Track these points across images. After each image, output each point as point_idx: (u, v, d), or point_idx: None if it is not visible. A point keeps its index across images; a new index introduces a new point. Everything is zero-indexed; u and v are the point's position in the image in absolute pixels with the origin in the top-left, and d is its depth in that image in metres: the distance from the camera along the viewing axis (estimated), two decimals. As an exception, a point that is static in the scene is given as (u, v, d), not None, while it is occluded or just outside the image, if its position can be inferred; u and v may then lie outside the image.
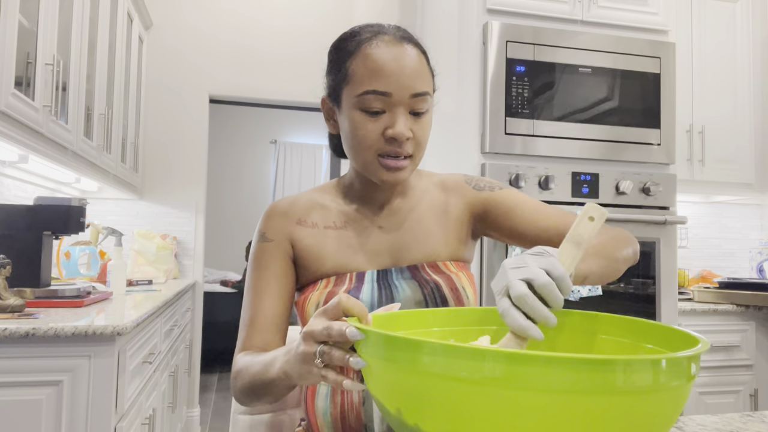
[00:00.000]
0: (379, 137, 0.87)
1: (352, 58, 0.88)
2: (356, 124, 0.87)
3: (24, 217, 1.83)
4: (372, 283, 0.92)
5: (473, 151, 2.06)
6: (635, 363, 0.47)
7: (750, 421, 0.88)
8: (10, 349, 1.43)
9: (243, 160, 7.14)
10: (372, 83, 0.85)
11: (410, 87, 0.86)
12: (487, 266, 2.00)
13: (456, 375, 0.49)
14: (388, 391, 0.56)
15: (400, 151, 0.87)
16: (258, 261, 0.95)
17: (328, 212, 0.97)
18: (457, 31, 2.14)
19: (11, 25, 1.55)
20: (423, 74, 0.88)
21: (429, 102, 0.89)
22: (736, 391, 2.50)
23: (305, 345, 0.66)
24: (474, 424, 0.49)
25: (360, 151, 0.89)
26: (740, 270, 3.24)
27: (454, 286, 0.92)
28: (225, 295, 5.34)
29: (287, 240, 0.95)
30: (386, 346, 0.55)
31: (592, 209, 0.69)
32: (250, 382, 0.81)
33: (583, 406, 0.47)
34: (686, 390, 0.52)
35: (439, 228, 0.98)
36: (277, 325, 0.93)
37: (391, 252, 0.95)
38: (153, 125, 3.65)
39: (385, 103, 0.86)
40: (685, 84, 2.74)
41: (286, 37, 3.87)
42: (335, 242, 0.94)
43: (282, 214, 0.97)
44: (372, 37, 0.88)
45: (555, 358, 0.46)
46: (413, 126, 0.88)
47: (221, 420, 3.94)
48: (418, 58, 0.88)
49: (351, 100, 0.87)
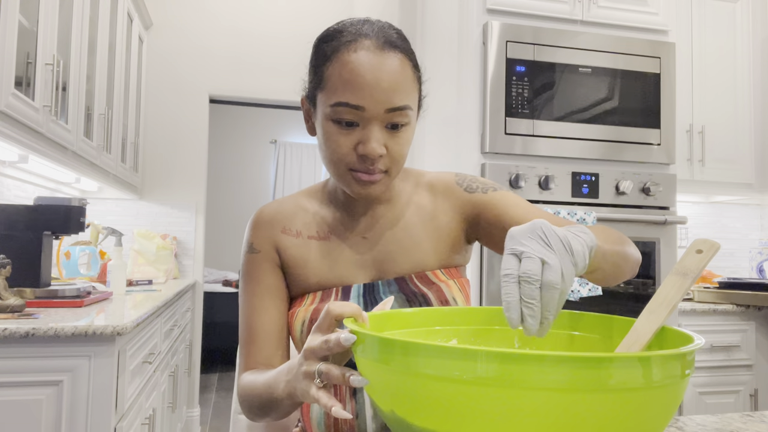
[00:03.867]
0: (350, 151, 0.81)
1: (328, 63, 0.82)
2: (328, 135, 0.82)
3: (24, 217, 1.83)
4: (358, 298, 0.89)
5: (473, 151, 2.06)
6: (628, 360, 0.48)
7: (750, 421, 0.88)
8: (10, 349, 1.43)
9: (243, 160, 7.14)
10: (345, 95, 0.79)
11: (386, 101, 0.79)
12: (487, 266, 2.00)
13: (449, 375, 0.49)
14: (383, 393, 0.56)
15: (372, 169, 0.82)
16: (249, 274, 0.93)
17: (312, 220, 0.94)
18: (457, 31, 2.14)
19: (11, 25, 1.55)
20: (403, 86, 0.81)
21: (410, 115, 0.83)
22: (736, 391, 2.50)
23: (306, 364, 0.65)
24: (469, 424, 0.49)
25: (332, 162, 0.84)
26: (740, 270, 3.24)
27: (444, 297, 0.89)
28: (225, 295, 5.34)
29: (274, 249, 0.93)
30: (380, 348, 0.55)
31: (700, 243, 0.66)
32: (258, 402, 0.81)
33: (577, 404, 0.47)
34: (680, 388, 0.52)
35: (427, 235, 0.93)
36: (277, 339, 0.91)
37: (377, 263, 0.91)
38: (153, 125, 3.65)
39: (358, 117, 0.80)
40: (685, 84, 2.74)
41: (286, 37, 3.87)
42: (319, 254, 0.91)
43: (267, 223, 0.94)
44: (352, 41, 0.81)
45: (548, 357, 0.46)
46: (389, 141, 0.82)
47: (221, 420, 3.94)
48: (401, 67, 0.81)
49: (324, 108, 0.82)
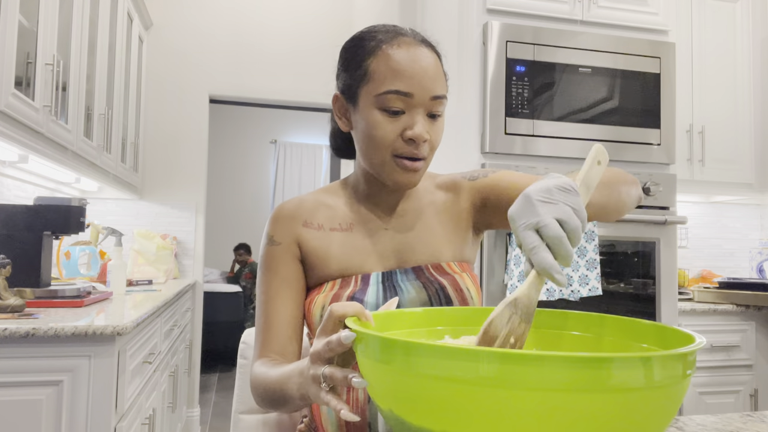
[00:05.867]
0: (397, 137, 0.87)
1: (372, 57, 0.88)
2: (375, 123, 0.87)
3: (24, 217, 1.83)
4: (377, 285, 0.92)
5: (473, 151, 2.06)
6: (629, 360, 0.47)
7: (750, 421, 0.88)
8: (10, 349, 1.44)
9: (243, 160, 7.14)
10: (394, 83, 0.85)
11: (431, 89, 0.86)
12: (487, 266, 2.00)
13: (450, 375, 0.49)
14: (384, 392, 0.56)
15: (416, 153, 0.87)
16: (268, 265, 0.95)
17: (334, 214, 0.97)
18: (457, 31, 2.14)
19: (11, 25, 1.55)
20: (441, 77, 0.89)
21: (444, 105, 0.90)
22: (736, 391, 2.50)
23: (313, 368, 0.66)
24: (470, 424, 0.49)
25: (376, 150, 0.88)
26: (740, 270, 3.24)
27: (459, 287, 0.92)
28: (225, 295, 5.35)
29: (295, 242, 0.95)
30: (381, 348, 0.55)
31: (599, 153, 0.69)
32: (270, 397, 0.82)
33: (578, 404, 0.47)
34: (682, 388, 0.52)
35: (443, 228, 0.98)
36: (292, 329, 0.93)
37: (397, 254, 0.95)
38: (153, 125, 3.65)
39: (406, 104, 0.86)
40: (685, 84, 2.74)
41: (286, 37, 3.87)
42: (341, 244, 0.94)
43: (288, 217, 0.97)
44: (392, 38, 0.88)
45: (549, 357, 0.46)
46: (430, 128, 0.88)
47: (221, 420, 3.94)
48: (436, 61, 0.89)
49: (370, 99, 0.87)
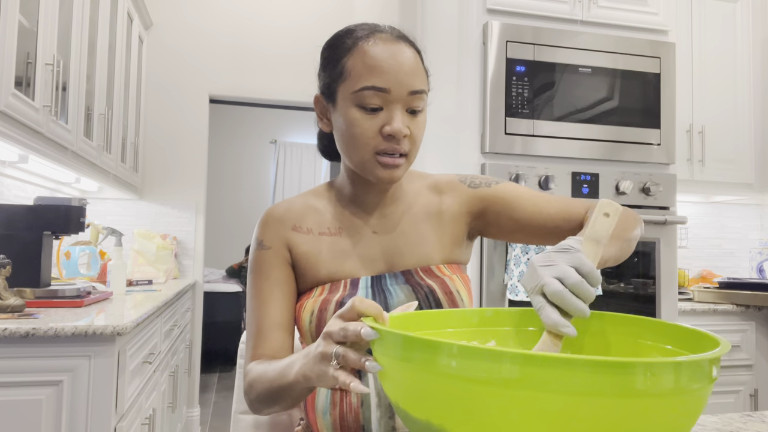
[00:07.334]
0: (376, 134, 0.86)
1: (349, 55, 0.87)
2: (353, 121, 0.86)
3: (24, 217, 1.83)
4: (366, 289, 0.91)
5: (473, 151, 2.06)
6: (656, 366, 0.46)
7: (750, 421, 0.88)
8: (10, 349, 1.43)
9: (243, 160, 7.14)
10: (370, 79, 0.85)
11: (408, 84, 0.86)
12: (487, 266, 2.00)
13: (473, 376, 0.48)
14: (403, 391, 0.56)
15: (397, 148, 0.86)
16: (258, 269, 0.95)
17: (323, 217, 0.96)
18: (457, 31, 2.14)
19: (11, 25, 1.55)
20: (419, 72, 0.88)
21: (425, 100, 0.89)
22: (736, 391, 2.50)
23: (324, 345, 0.66)
24: (491, 425, 0.48)
25: (356, 148, 0.87)
26: (740, 270, 3.24)
27: (448, 289, 0.92)
28: (225, 295, 5.35)
29: (285, 246, 0.94)
30: (403, 346, 0.54)
31: (606, 205, 0.70)
32: (267, 389, 0.81)
33: (602, 408, 0.46)
34: (706, 393, 0.51)
35: (433, 231, 0.97)
36: (284, 332, 0.92)
37: (385, 257, 0.94)
38: (153, 125, 3.65)
39: (383, 100, 0.85)
40: (685, 84, 2.74)
41: (286, 37, 3.87)
42: (330, 249, 0.94)
43: (278, 221, 0.96)
44: (369, 34, 0.88)
45: (573, 360, 0.46)
46: (410, 124, 0.87)
47: (221, 420, 3.94)
48: (414, 56, 0.88)
49: (347, 96, 0.87)
